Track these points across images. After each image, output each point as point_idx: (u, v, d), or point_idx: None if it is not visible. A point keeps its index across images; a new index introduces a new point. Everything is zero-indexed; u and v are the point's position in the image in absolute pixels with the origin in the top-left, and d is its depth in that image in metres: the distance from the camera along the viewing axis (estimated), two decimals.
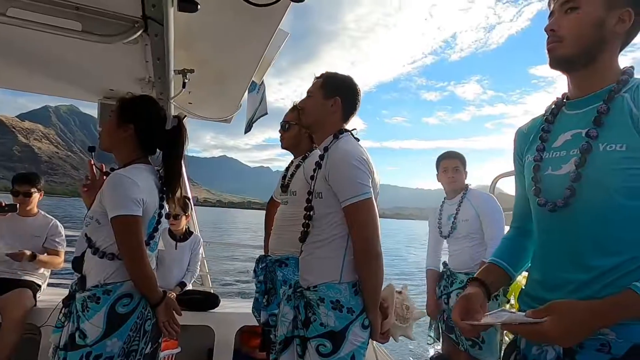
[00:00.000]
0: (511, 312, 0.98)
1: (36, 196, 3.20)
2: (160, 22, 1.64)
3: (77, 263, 1.65)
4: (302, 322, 1.59)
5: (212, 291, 3.93)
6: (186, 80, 2.32)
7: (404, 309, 1.93)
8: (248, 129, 3.30)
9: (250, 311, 2.48)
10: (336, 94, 1.72)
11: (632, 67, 1.00)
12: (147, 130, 1.74)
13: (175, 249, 3.45)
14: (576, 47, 0.98)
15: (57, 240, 3.25)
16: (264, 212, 2.70)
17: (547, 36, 1.03)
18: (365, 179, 1.58)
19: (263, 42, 2.00)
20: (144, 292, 1.58)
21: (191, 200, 3.80)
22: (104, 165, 1.97)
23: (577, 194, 0.96)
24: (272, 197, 2.76)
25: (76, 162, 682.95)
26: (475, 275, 1.18)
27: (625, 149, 0.91)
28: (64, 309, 1.65)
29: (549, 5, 1.06)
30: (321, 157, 1.69)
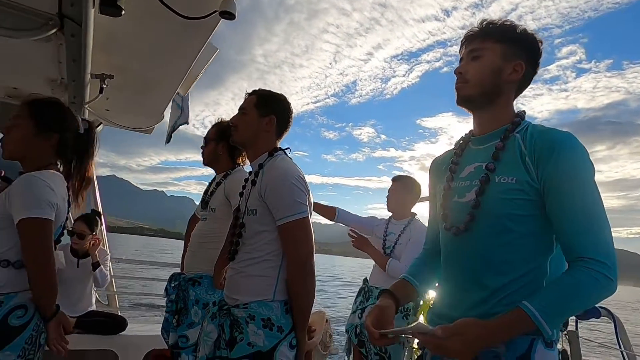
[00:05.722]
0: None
1: None
2: (79, 22, 1.55)
3: None
4: (226, 341, 1.51)
5: (119, 313, 3.64)
6: (104, 86, 2.20)
7: (328, 337, 1.94)
8: (168, 139, 3.20)
9: (160, 333, 2.34)
10: (271, 112, 1.70)
11: (523, 111, 1.14)
12: (70, 139, 1.64)
13: (77, 266, 3.15)
14: (478, 89, 1.12)
15: None
16: (158, 239, 2.60)
17: (455, 78, 1.17)
18: (303, 198, 1.57)
19: (190, 56, 1.97)
20: (42, 302, 1.47)
21: (102, 216, 3.53)
22: (3, 171, 1.79)
23: (476, 219, 1.07)
24: (194, 213, 2.68)
25: None
26: (388, 288, 1.27)
27: (515, 182, 1.03)
28: None
29: (460, 52, 1.22)
30: (255, 173, 1.66)
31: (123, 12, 1.41)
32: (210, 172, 2.50)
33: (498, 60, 1.12)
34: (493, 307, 1.02)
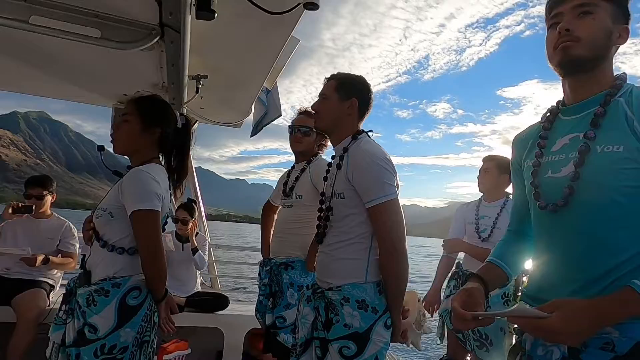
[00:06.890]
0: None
1: (48, 199, 3.25)
2: (177, 29, 1.68)
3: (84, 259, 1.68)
4: (323, 323, 1.56)
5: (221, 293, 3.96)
6: (200, 86, 2.36)
7: (422, 316, 1.95)
8: (255, 132, 3.36)
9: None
10: (352, 96, 1.71)
11: (624, 73, 1.04)
12: (170, 133, 1.77)
13: (182, 250, 3.49)
14: (590, 50, 1.00)
15: (70, 242, 3.29)
16: (244, 224, 2.72)
17: (559, 34, 1.03)
18: (391, 179, 1.57)
19: (275, 49, 2.03)
20: (154, 286, 1.61)
21: (199, 203, 3.85)
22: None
23: (576, 193, 0.98)
24: (268, 200, 2.77)
25: (45, 171, 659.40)
26: (475, 272, 1.22)
27: (622, 150, 0.93)
28: (64, 305, 1.66)
29: (551, 9, 1.07)
30: (340, 157, 1.67)
31: (216, 15, 1.50)
32: (286, 159, 2.52)
33: (609, 22, 1.00)
34: (602, 290, 0.92)
